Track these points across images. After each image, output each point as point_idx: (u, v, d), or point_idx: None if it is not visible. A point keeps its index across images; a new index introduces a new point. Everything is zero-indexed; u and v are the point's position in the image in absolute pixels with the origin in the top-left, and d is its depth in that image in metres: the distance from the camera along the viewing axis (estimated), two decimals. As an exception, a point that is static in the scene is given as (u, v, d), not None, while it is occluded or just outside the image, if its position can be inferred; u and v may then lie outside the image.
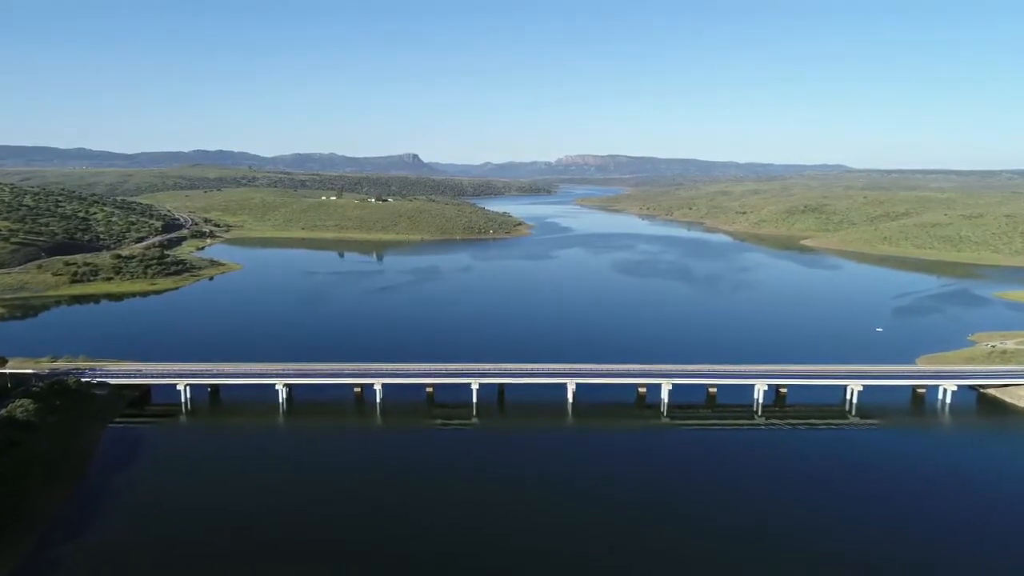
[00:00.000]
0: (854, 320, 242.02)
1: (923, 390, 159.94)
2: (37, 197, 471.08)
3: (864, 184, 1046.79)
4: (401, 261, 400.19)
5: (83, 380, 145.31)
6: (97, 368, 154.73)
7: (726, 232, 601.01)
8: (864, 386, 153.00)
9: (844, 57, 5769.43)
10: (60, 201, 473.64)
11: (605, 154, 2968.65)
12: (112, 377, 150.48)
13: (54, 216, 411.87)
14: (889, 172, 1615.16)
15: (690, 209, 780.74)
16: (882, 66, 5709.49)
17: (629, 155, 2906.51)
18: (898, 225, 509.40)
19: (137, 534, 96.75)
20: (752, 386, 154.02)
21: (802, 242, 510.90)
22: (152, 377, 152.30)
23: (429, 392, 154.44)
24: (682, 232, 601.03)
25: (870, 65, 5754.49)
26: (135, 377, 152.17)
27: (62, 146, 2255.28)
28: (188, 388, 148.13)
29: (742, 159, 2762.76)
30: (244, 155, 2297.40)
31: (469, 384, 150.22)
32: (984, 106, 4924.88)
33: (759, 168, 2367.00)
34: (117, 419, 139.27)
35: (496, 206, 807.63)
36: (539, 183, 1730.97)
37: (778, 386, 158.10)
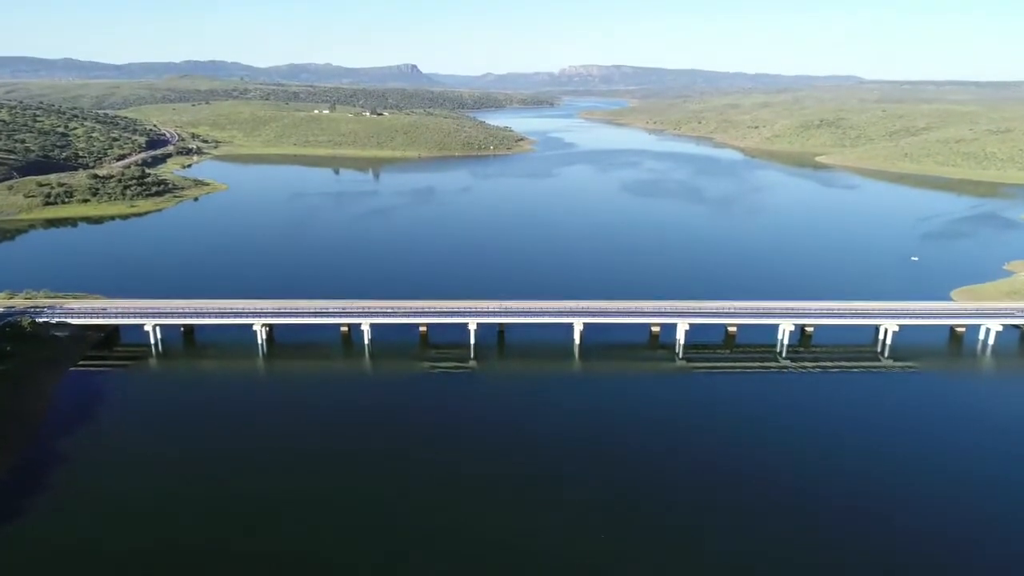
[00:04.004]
0: (881, 247, 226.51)
1: (962, 329, 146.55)
2: (14, 111, 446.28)
3: (878, 97, 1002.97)
4: (396, 180, 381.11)
5: (41, 321, 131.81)
6: (58, 306, 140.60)
7: (737, 148, 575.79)
8: (900, 326, 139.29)
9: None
10: (38, 115, 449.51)
11: (609, 64, 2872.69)
12: (75, 316, 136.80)
13: (31, 132, 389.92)
14: (903, 84, 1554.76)
15: (699, 123, 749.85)
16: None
17: (634, 65, 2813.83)
18: (919, 141, 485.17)
19: (94, 508, 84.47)
20: (776, 325, 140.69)
21: (817, 159, 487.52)
22: (119, 316, 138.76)
23: (422, 332, 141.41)
24: (691, 148, 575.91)
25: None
26: (100, 316, 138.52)
27: (49, 56, 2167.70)
28: (158, 328, 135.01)
29: (750, 70, 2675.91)
30: (237, 65, 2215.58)
31: (466, 324, 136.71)
32: (1001, 14, 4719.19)
33: (768, 79, 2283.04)
34: (80, 363, 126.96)
35: (497, 119, 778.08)
36: (541, 95, 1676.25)
37: (804, 325, 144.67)
